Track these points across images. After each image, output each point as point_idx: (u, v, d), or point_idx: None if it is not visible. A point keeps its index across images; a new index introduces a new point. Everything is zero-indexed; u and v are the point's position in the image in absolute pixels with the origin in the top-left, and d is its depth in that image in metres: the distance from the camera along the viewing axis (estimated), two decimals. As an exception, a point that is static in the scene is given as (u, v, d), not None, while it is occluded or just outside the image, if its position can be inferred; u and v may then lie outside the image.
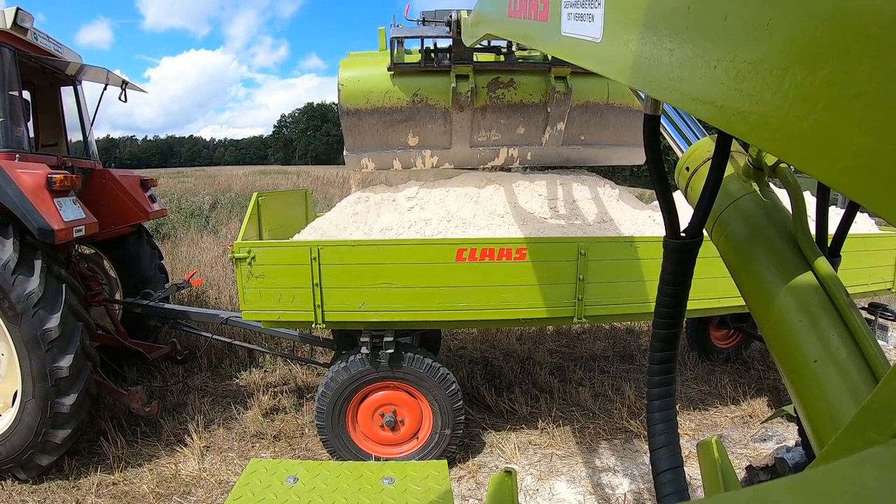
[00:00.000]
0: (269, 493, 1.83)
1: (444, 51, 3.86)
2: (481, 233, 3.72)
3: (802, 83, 0.46)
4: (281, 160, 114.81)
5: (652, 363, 1.29)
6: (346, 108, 3.94)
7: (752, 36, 0.52)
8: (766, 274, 1.07)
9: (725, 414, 4.93)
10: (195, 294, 7.40)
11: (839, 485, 0.30)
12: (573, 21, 1.06)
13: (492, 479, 1.85)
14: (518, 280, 3.36)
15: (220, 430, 4.55)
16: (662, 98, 0.75)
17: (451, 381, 3.66)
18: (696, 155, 1.43)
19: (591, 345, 6.48)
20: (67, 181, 3.76)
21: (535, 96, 3.99)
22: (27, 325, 3.52)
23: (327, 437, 3.72)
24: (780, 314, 1.01)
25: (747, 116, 0.54)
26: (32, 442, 3.65)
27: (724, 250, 1.21)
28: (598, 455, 4.20)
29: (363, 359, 3.54)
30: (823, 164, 0.45)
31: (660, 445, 1.25)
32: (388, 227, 3.76)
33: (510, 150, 4.24)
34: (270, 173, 36.05)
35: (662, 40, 0.70)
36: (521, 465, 4.03)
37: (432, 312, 3.36)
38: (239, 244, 3.26)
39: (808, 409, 0.93)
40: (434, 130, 4.09)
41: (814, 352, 0.93)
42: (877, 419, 0.49)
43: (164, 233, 11.83)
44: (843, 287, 0.99)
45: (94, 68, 4.88)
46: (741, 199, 1.20)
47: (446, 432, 3.72)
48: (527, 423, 4.61)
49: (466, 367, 5.60)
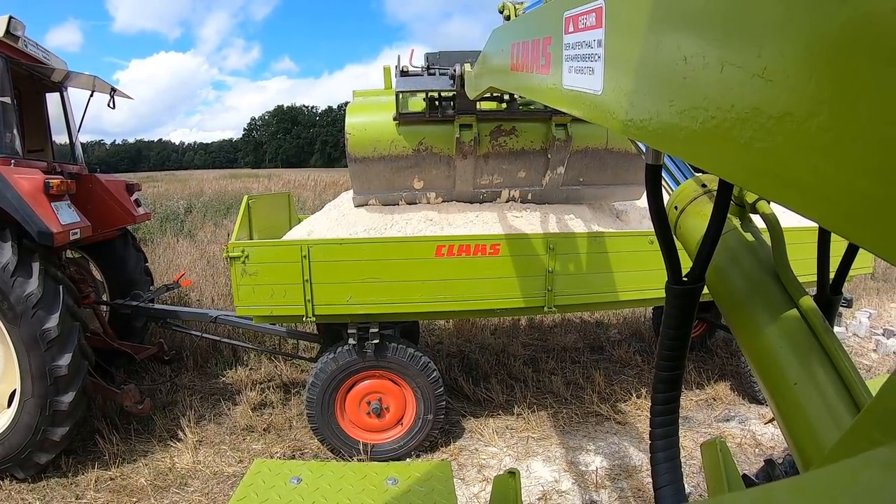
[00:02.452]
0: (273, 494, 1.83)
1: (447, 99, 3.93)
2: (458, 231, 4.00)
3: (799, 129, 0.47)
4: (251, 163, 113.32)
5: (655, 404, 1.30)
6: (353, 156, 4.04)
7: (748, 84, 0.53)
8: (750, 304, 1.13)
9: (691, 398, 5.26)
10: (178, 296, 7.52)
11: (843, 485, 0.29)
12: (574, 74, 1.08)
13: (494, 480, 1.83)
14: (493, 273, 3.67)
15: (212, 424, 4.72)
16: (662, 149, 0.77)
17: (432, 369, 3.93)
18: (684, 195, 1.47)
19: (562, 337, 6.82)
20: (64, 186, 3.92)
21: (536, 143, 4.10)
22: (27, 325, 3.62)
23: (317, 425, 3.96)
24: (763, 341, 1.06)
25: (745, 164, 0.55)
26: (31, 440, 3.71)
27: (710, 282, 1.24)
28: (572, 436, 4.51)
29: (350, 349, 3.80)
30: (823, 209, 0.46)
31: (664, 484, 1.26)
32: (371, 226, 4.01)
33: (511, 192, 4.38)
34: (241, 177, 35.64)
35: (661, 92, 0.71)
36: (500, 448, 4.32)
37: (414, 304, 3.66)
38: (233, 244, 3.49)
39: (791, 429, 0.97)
40: (438, 175, 4.20)
41: (794, 375, 0.98)
42: (881, 420, 0.48)
43: (140, 237, 11.83)
44: (821, 314, 1.04)
45: (82, 75, 5.01)
46: (725, 235, 1.24)
47: (429, 417, 3.99)
48: (503, 410, 4.90)
49: (444, 359, 5.88)
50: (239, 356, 5.96)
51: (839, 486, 0.30)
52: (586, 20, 1.01)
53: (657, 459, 1.28)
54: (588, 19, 1.00)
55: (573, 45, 1.09)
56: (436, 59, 3.97)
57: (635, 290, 3.96)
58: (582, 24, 1.03)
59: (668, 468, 1.27)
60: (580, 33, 1.05)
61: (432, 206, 4.33)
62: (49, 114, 5.34)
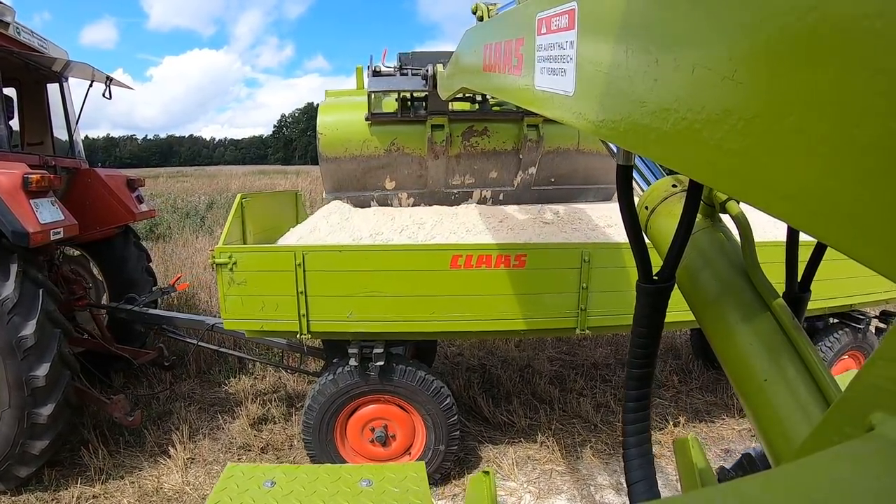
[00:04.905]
0: (247, 498, 1.82)
1: (420, 100, 3.95)
2: (479, 238, 3.54)
3: (769, 131, 0.48)
4: (281, 160, 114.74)
5: (628, 401, 1.32)
6: (325, 156, 4.07)
7: (718, 87, 0.54)
8: (720, 303, 1.13)
9: (732, 426, 4.75)
10: (185, 297, 7.22)
11: (815, 478, 0.30)
12: (546, 75, 1.09)
13: (470, 480, 1.91)
14: (517, 289, 3.17)
15: (206, 440, 4.37)
16: (634, 150, 0.76)
17: (445, 395, 3.47)
18: (655, 195, 1.48)
19: (592, 352, 6.29)
20: (45, 181, 3.58)
21: (507, 144, 4.13)
22: (2, 331, 3.35)
23: (314, 452, 3.53)
24: (733, 339, 1.07)
25: (715, 165, 0.56)
26: (10, 453, 3.50)
27: (680, 281, 1.27)
28: (601, 471, 4.01)
29: (352, 371, 3.35)
30: (792, 209, 0.47)
31: (637, 479, 1.28)
32: (377, 231, 3.57)
33: (483, 192, 4.39)
34: (269, 173, 35.92)
35: (632, 93, 0.72)
36: (520, 482, 3.85)
37: (425, 323, 3.18)
38: (220, 248, 3.08)
39: (762, 426, 0.97)
40: (410, 175, 4.23)
41: (764, 372, 0.98)
42: (851, 414, 0.49)
43: (158, 233, 11.67)
44: (790, 312, 1.05)
45: (79, 64, 4.71)
46: (695, 235, 1.25)
47: (440, 448, 3.53)
48: (525, 437, 4.42)
49: (463, 374, 5.41)
50: (245, 363, 5.59)
51: (810, 479, 0.31)
52: (559, 21, 1.02)
53: (630, 455, 1.31)
54: (561, 21, 1.01)
55: (546, 46, 1.10)
56: (408, 59, 4.02)
57: (683, 309, 3.43)
58: (555, 25, 1.04)
59: (640, 464, 1.29)
60: (553, 35, 1.05)
61: (473, 208, 4.23)
62: (51, 106, 5.06)
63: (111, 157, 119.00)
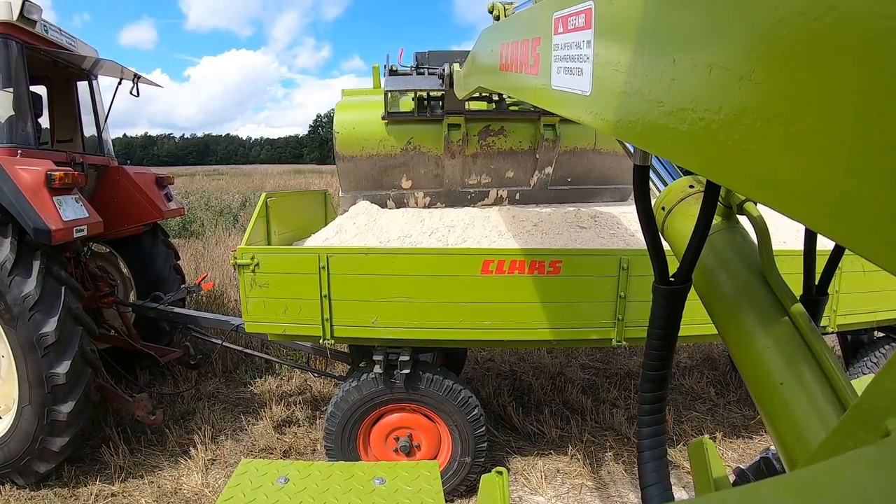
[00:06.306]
0: (260, 494, 1.83)
1: (436, 99, 3.94)
2: (512, 242, 3.37)
3: (787, 131, 0.47)
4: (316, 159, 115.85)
5: (643, 403, 1.31)
6: (341, 155, 4.08)
7: (736, 87, 0.53)
8: (736, 305, 1.11)
9: (770, 443, 4.47)
10: (214, 296, 7.21)
11: (830, 484, 0.30)
12: (563, 75, 1.09)
13: (482, 479, 1.88)
14: (551, 297, 2.99)
15: (228, 441, 4.31)
16: (651, 150, 0.76)
17: (473, 406, 3.30)
18: (672, 195, 1.45)
19: (626, 360, 6.04)
20: (68, 178, 3.55)
21: (524, 143, 4.12)
22: (23, 328, 3.34)
23: (336, 459, 3.40)
24: (749, 341, 1.04)
25: (733, 165, 0.55)
26: (29, 449, 3.50)
27: (697, 282, 1.24)
28: (633, 489, 3.79)
29: (376, 378, 3.22)
30: (810, 211, 0.46)
31: (651, 483, 1.27)
32: (406, 233, 3.43)
33: (499, 191, 4.39)
34: (305, 172, 36.26)
35: (649, 93, 0.71)
36: (548, 497, 3.66)
37: (453, 330, 3.01)
38: (242, 249, 2.98)
39: (778, 429, 0.95)
40: (426, 175, 4.23)
41: (781, 375, 0.96)
42: (867, 419, 0.47)
43: (192, 230, 11.79)
44: (807, 316, 1.02)
45: (108, 62, 4.70)
46: (712, 236, 1.23)
47: (466, 460, 3.37)
48: (556, 448, 4.23)
49: (493, 381, 5.24)
50: (271, 363, 5.52)
51: (825, 484, 0.30)
52: (576, 21, 1.01)
53: (644, 458, 1.29)
54: (577, 20, 1.00)
55: (562, 45, 1.10)
56: (425, 58, 4.02)
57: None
58: (571, 24, 1.04)
59: (655, 467, 1.28)
60: (569, 34, 1.05)
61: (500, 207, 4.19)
62: (81, 103, 5.08)
63: (149, 155, 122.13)
